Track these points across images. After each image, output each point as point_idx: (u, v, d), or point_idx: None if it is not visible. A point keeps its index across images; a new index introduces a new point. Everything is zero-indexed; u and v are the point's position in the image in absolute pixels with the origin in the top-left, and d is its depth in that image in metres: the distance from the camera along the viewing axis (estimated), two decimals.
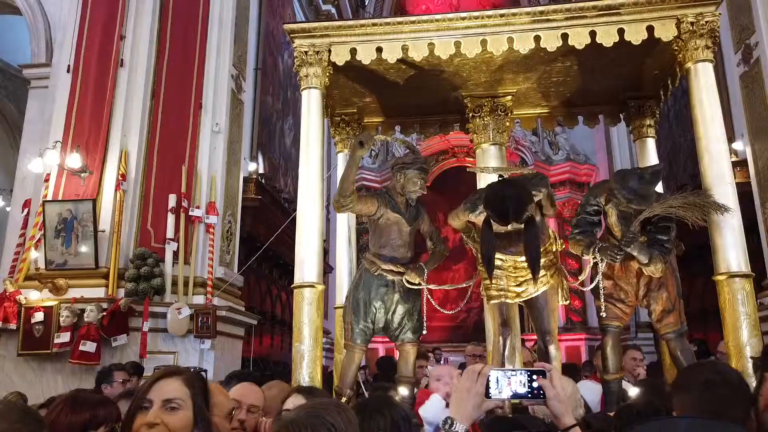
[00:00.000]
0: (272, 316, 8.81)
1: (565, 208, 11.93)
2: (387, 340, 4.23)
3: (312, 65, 3.66)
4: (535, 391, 1.39)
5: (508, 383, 1.41)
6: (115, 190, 6.02)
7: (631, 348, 5.06)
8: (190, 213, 6.25)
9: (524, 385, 1.41)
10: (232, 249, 6.86)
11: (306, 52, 3.66)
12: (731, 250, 3.22)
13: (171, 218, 6.16)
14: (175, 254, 6.08)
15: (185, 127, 6.56)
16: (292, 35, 3.69)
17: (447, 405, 3.25)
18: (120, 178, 6.06)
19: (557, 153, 12.53)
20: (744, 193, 6.70)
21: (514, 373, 1.42)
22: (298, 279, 3.36)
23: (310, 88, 3.66)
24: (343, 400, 3.61)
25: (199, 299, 6.09)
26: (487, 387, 1.40)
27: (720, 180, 3.28)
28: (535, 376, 1.41)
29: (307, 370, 3.21)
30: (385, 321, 3.86)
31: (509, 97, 4.33)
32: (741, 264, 3.20)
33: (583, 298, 11.53)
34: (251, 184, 7.62)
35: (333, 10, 11.57)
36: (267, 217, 7.91)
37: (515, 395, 1.42)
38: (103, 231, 5.89)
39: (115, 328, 5.57)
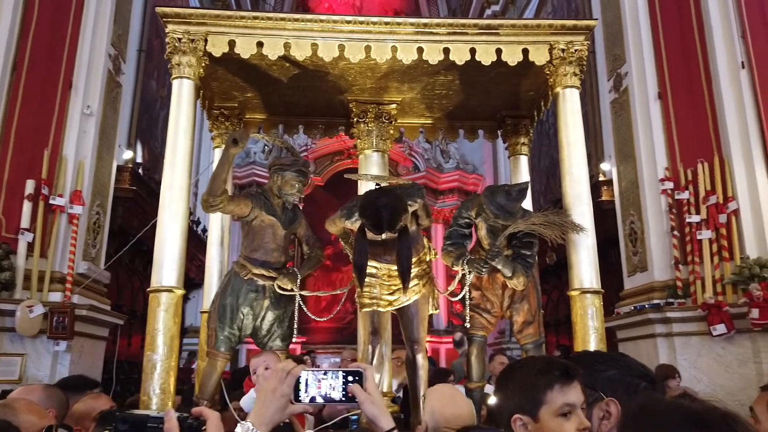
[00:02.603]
0: (143, 316, 8.28)
1: (453, 215, 12.34)
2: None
3: (186, 54, 3.44)
4: (350, 394, 1.28)
5: (318, 385, 1.29)
6: None
7: (499, 353, 5.29)
8: (51, 201, 5.70)
9: (336, 388, 1.29)
10: (99, 242, 6.34)
11: (180, 39, 3.43)
12: (585, 268, 3.42)
13: (27, 206, 5.57)
14: (30, 246, 5.51)
15: (51, 107, 5.96)
16: (165, 20, 3.44)
17: None
18: None
19: (448, 161, 12.95)
20: (610, 210, 7.27)
21: (326, 374, 1.31)
22: (154, 282, 3.13)
23: (182, 77, 3.44)
24: None
25: (56, 296, 5.57)
26: (297, 389, 1.28)
27: (578, 201, 3.47)
28: (350, 378, 1.30)
29: (158, 382, 2.99)
30: (253, 327, 3.72)
31: (394, 106, 4.35)
32: (593, 281, 3.41)
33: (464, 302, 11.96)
34: (126, 173, 7.09)
35: None
36: (143, 209, 7.41)
37: (328, 399, 1.31)
38: None
39: None
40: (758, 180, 5.68)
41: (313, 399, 1.29)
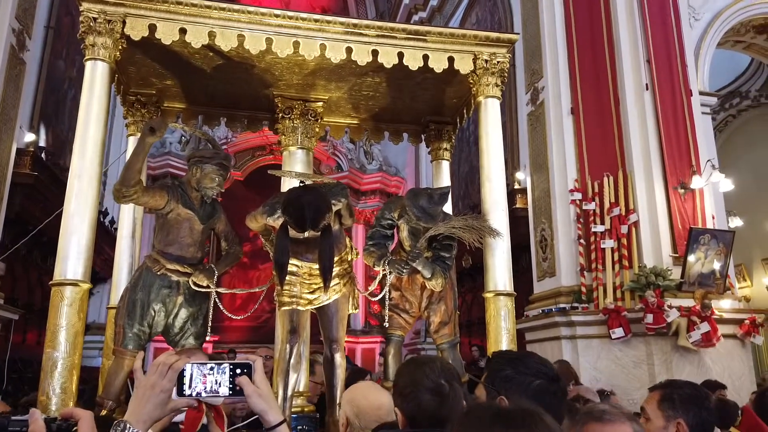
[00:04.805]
0: (41, 311, 7.72)
1: (374, 216, 12.45)
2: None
3: (101, 35, 3.24)
4: (238, 388, 1.24)
5: (203, 380, 1.24)
6: None
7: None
8: None
9: (223, 382, 1.25)
10: None
11: (95, 19, 3.23)
12: (499, 271, 3.56)
13: None
14: None
15: None
16: None
17: None
18: None
19: (371, 163, 13.03)
20: (523, 217, 7.59)
21: (213, 366, 1.25)
22: (58, 275, 2.93)
23: (96, 59, 3.23)
24: (104, 412, 3.24)
25: None
26: (180, 383, 1.23)
27: (496, 207, 3.61)
28: (238, 371, 1.25)
29: (59, 380, 2.80)
30: (165, 325, 3.57)
31: (320, 103, 4.32)
32: (506, 284, 3.55)
33: (384, 302, 12.11)
34: (27, 157, 6.58)
35: None
36: (45, 197, 6.91)
37: (213, 392, 1.25)
38: None
39: None
40: (656, 194, 6.14)
41: (198, 394, 1.24)
